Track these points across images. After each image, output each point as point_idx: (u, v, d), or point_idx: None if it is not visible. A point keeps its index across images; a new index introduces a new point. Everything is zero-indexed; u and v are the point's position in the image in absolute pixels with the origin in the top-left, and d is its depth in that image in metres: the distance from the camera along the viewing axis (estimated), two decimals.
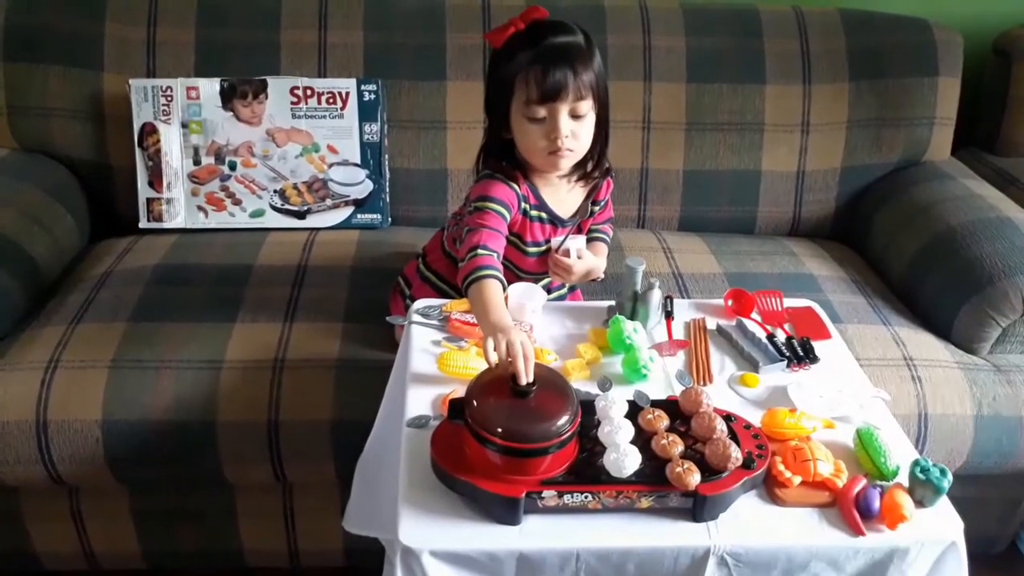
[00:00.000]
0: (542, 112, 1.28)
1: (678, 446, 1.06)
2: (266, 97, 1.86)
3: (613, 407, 1.10)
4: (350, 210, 1.94)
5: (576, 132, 1.31)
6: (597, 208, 1.54)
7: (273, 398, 1.49)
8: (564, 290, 1.62)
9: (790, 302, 1.48)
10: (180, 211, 1.90)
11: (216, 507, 1.61)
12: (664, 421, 1.10)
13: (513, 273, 1.51)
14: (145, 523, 1.61)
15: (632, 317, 1.38)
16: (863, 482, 1.08)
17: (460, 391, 1.20)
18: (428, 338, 1.34)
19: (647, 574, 1.03)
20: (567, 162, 1.35)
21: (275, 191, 1.90)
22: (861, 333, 1.67)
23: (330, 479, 1.56)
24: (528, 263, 1.49)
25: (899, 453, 1.13)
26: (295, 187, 1.90)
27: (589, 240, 1.54)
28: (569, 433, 1.02)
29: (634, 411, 1.12)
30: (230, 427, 1.48)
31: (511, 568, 1.01)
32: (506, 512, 1.02)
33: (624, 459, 1.02)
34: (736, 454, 1.04)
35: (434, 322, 1.37)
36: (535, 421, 1.01)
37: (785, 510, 1.07)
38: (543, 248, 1.47)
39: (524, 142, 1.34)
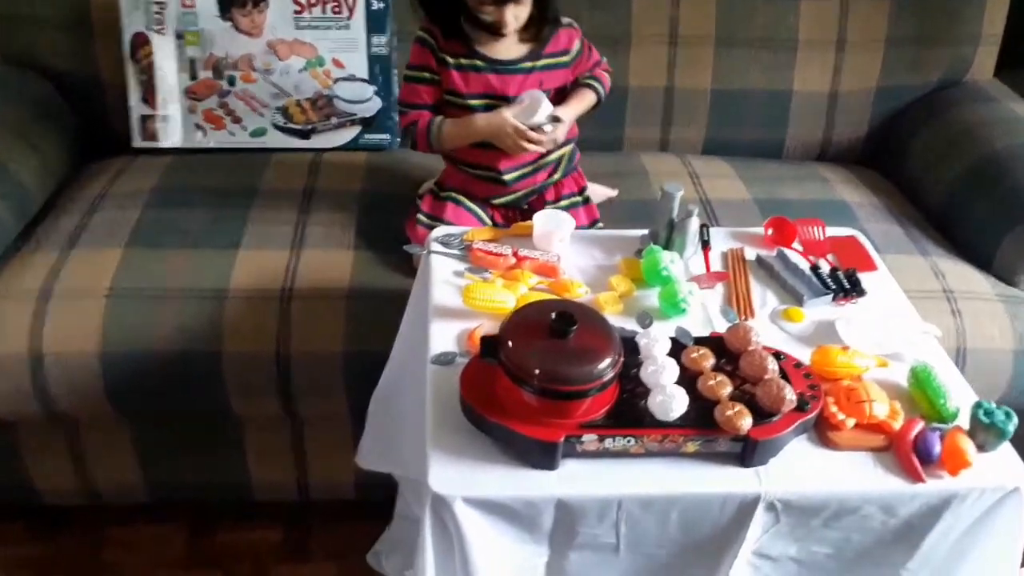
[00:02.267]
0: (490, 10, 1.37)
1: (726, 387, 0.99)
2: (267, 6, 1.72)
3: (656, 345, 1.02)
4: (357, 129, 1.82)
5: (519, 15, 1.39)
6: (565, 59, 1.49)
7: (281, 329, 1.41)
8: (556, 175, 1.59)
9: (832, 231, 1.39)
10: (176, 129, 1.78)
11: (223, 440, 1.54)
12: (710, 360, 1.03)
13: (461, 170, 1.50)
14: (148, 456, 1.55)
15: (667, 247, 1.29)
16: (920, 425, 1.02)
17: (487, 326, 1.12)
18: (449, 269, 1.25)
19: (691, 522, 0.97)
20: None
21: (277, 108, 1.78)
22: (898, 264, 1.57)
23: (342, 413, 1.50)
24: (469, 153, 1.49)
25: (957, 393, 1.06)
26: (298, 104, 1.78)
27: (575, 86, 1.52)
28: (612, 375, 0.94)
29: (677, 349, 1.05)
30: (236, 359, 1.40)
31: (548, 516, 0.94)
32: (543, 457, 0.95)
33: (671, 401, 0.94)
34: (790, 396, 0.97)
35: (455, 251, 1.28)
36: (576, 362, 0.93)
37: (838, 454, 1.00)
38: (491, 100, 1.45)
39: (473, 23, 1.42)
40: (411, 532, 1.40)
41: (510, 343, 0.95)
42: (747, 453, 0.97)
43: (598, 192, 1.69)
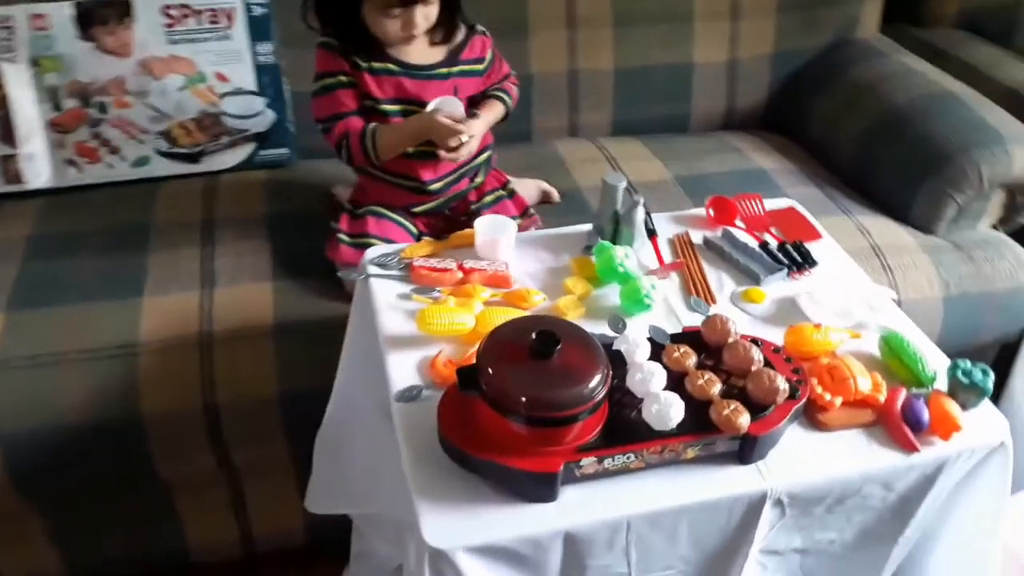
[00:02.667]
0: (397, 12, 1.29)
1: (716, 384, 0.94)
2: (132, 20, 1.54)
3: (638, 350, 0.96)
4: (251, 147, 1.67)
5: (428, 15, 1.33)
6: (480, 67, 1.44)
7: (205, 379, 1.28)
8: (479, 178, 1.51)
9: (770, 204, 1.37)
10: (44, 167, 1.58)
11: (151, 508, 1.39)
12: (692, 357, 0.98)
13: (380, 180, 1.42)
14: (65, 540, 1.38)
15: (614, 240, 1.23)
16: (904, 393, 1.00)
17: (448, 351, 1.04)
18: (392, 292, 1.15)
19: (701, 532, 0.92)
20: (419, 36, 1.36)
21: (159, 133, 1.61)
22: (826, 226, 1.57)
23: (283, 458, 1.38)
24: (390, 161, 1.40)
25: (930, 356, 1.06)
26: (182, 126, 1.62)
27: (484, 97, 1.46)
28: (605, 392, 0.87)
29: (655, 350, 0.99)
30: (159, 419, 1.26)
31: (556, 553, 0.87)
32: (542, 489, 0.88)
33: (668, 410, 0.89)
34: (783, 385, 0.93)
35: (395, 272, 1.18)
36: (566, 384, 0.86)
37: (831, 435, 0.98)
38: (405, 106, 1.38)
39: (377, 29, 1.32)
40: (374, 571, 1.31)
41: (490, 372, 0.87)
42: (746, 450, 0.93)
43: (528, 187, 1.63)
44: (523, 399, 0.85)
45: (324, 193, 1.61)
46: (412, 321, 1.07)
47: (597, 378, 0.87)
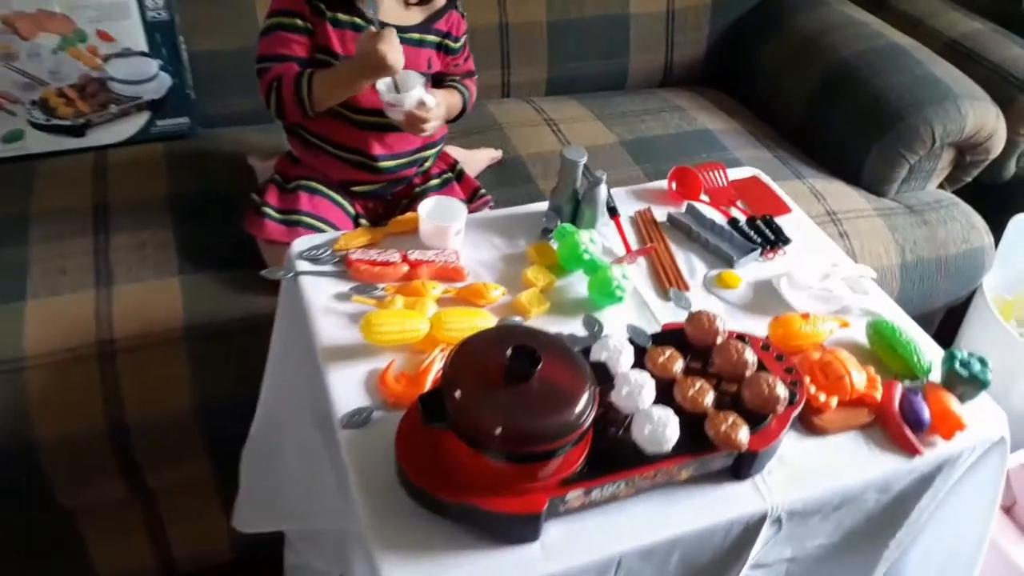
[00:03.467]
0: None
1: (708, 394, 0.84)
2: None
3: (621, 357, 0.85)
4: (145, 116, 1.46)
5: None
6: (454, 45, 1.29)
7: (109, 394, 1.10)
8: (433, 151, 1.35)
9: (733, 173, 1.27)
10: None
11: (55, 535, 1.21)
12: (678, 362, 0.87)
13: (345, 118, 1.22)
14: None
15: (574, 222, 1.11)
16: (899, 388, 0.93)
17: (399, 363, 0.91)
18: (327, 291, 0.99)
19: (693, 559, 0.83)
20: None
21: (32, 103, 1.38)
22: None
23: (204, 476, 1.22)
24: (336, 128, 1.23)
25: (923, 344, 0.99)
26: (61, 93, 1.39)
27: (443, 86, 1.29)
28: (592, 416, 0.75)
29: (636, 353, 0.88)
30: (56, 444, 1.09)
31: None
32: (523, 530, 0.76)
33: (663, 430, 0.78)
34: (783, 393, 0.83)
35: (328, 268, 1.02)
36: (549, 411, 0.74)
37: (828, 440, 0.90)
38: None
39: None
40: None
41: (460, 399, 0.74)
42: (744, 465, 0.83)
43: (480, 159, 1.48)
44: (499, 431, 0.72)
45: (235, 166, 1.43)
46: (354, 327, 0.93)
47: (584, 400, 0.75)
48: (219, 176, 1.41)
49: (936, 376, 0.96)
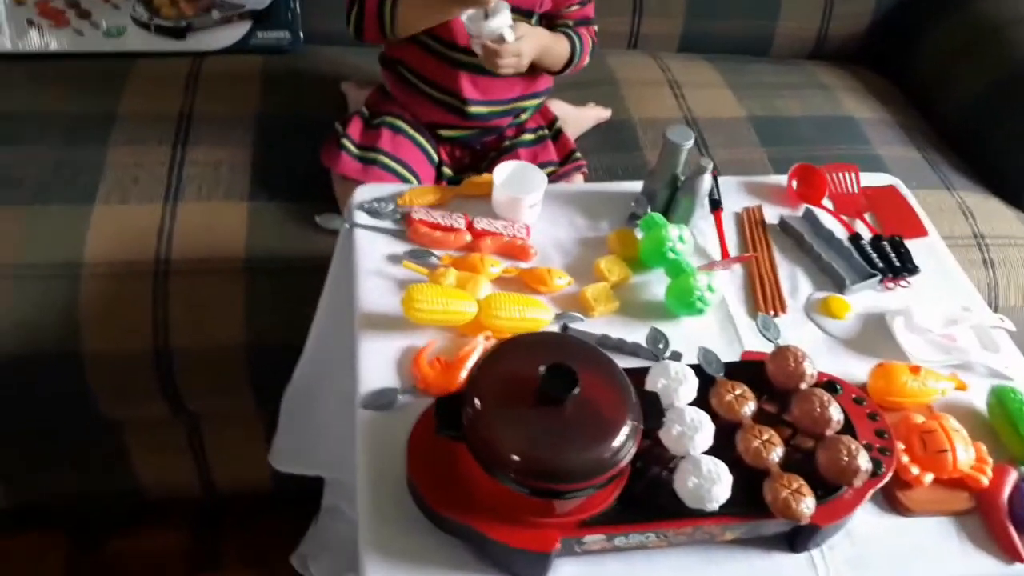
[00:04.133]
0: None
1: (776, 448, 0.71)
2: None
3: (681, 388, 0.73)
4: (247, 26, 1.40)
5: None
6: None
7: (158, 316, 1.07)
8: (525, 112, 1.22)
9: (867, 178, 1.10)
10: (0, 27, 1.33)
11: (98, 447, 1.22)
12: (749, 403, 0.75)
13: (438, 54, 1.10)
14: (9, 476, 1.22)
15: (667, 212, 0.98)
16: (1014, 476, 0.78)
17: (439, 344, 0.82)
18: (380, 252, 0.91)
19: None
20: None
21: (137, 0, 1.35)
22: (923, 201, 1.29)
23: (248, 411, 1.19)
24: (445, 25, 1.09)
25: None
26: None
27: (552, 29, 1.14)
28: (630, 455, 0.65)
29: (702, 382, 0.76)
30: (100, 361, 1.07)
31: None
32: (529, 566, 0.67)
33: (710, 488, 0.67)
34: (865, 464, 0.70)
35: (387, 223, 0.94)
36: (579, 445, 0.64)
37: (912, 522, 0.76)
38: None
39: None
40: (342, 530, 1.15)
41: (479, 413, 0.65)
42: (802, 537, 0.71)
43: (586, 117, 1.36)
44: (517, 459, 0.63)
45: (332, 91, 1.36)
46: (399, 295, 0.85)
47: (621, 438, 0.64)
48: (312, 99, 1.35)
49: None
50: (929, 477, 0.76)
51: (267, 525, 1.36)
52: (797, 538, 0.72)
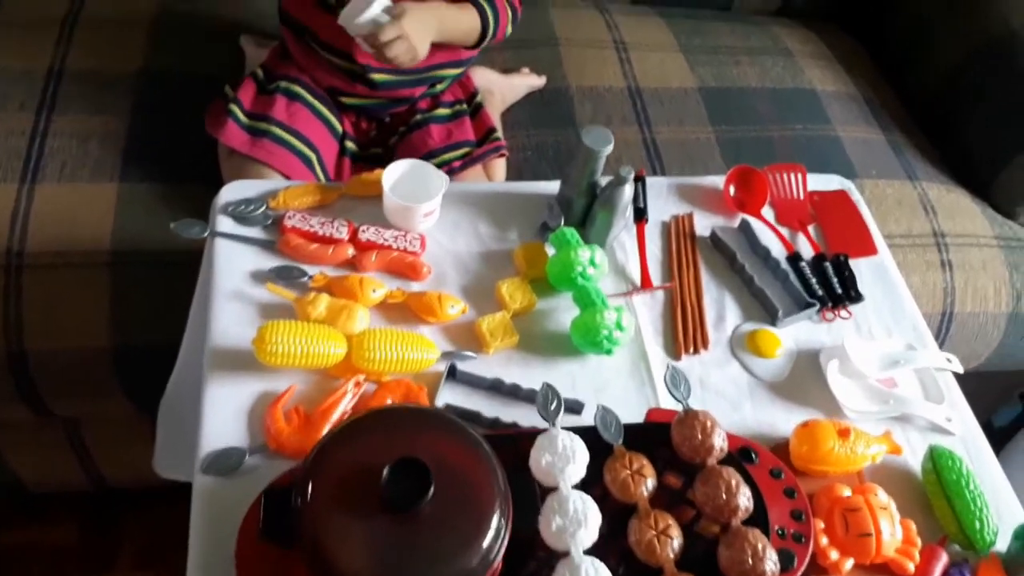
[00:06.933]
0: None
1: (672, 542, 0.61)
2: None
3: (568, 468, 0.62)
4: None
5: None
6: None
7: (10, 316, 0.94)
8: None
9: (816, 181, 0.97)
10: None
11: None
12: (647, 481, 0.64)
13: (328, 7, 0.96)
14: None
15: (583, 225, 0.86)
16: (943, 559, 0.69)
17: (304, 389, 0.70)
18: (243, 267, 0.79)
19: None
20: None
21: None
22: (881, 193, 1.21)
23: (128, 412, 1.07)
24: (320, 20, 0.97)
25: (995, 502, 0.73)
26: None
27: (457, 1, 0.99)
28: (495, 562, 0.55)
29: (595, 448, 0.65)
30: None
31: None
32: None
33: None
34: (771, 567, 0.61)
35: (256, 231, 0.81)
36: (431, 559, 0.53)
37: None
38: None
39: None
40: None
41: (313, 517, 0.54)
42: None
43: (517, 87, 1.21)
44: None
45: (232, 44, 1.20)
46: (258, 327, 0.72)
47: (484, 548, 0.54)
48: (205, 54, 1.19)
49: (1003, 545, 0.71)
50: (849, 563, 0.67)
51: (162, 514, 1.27)
52: None
